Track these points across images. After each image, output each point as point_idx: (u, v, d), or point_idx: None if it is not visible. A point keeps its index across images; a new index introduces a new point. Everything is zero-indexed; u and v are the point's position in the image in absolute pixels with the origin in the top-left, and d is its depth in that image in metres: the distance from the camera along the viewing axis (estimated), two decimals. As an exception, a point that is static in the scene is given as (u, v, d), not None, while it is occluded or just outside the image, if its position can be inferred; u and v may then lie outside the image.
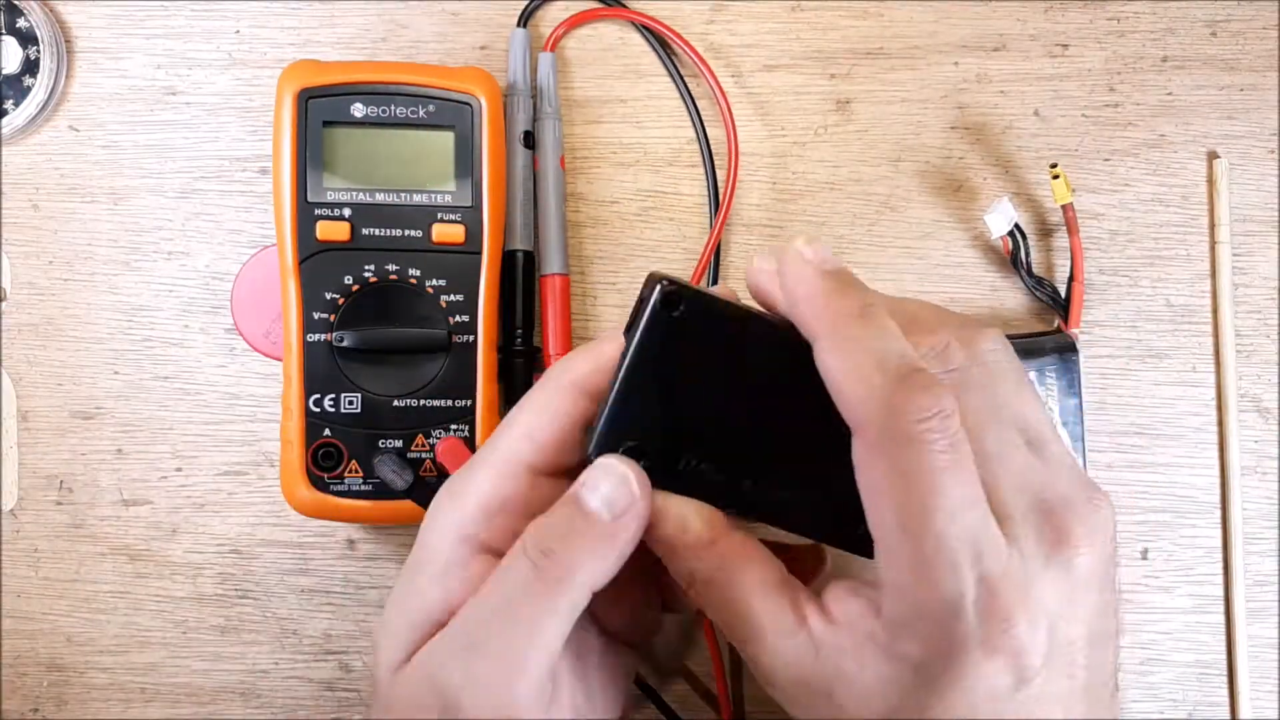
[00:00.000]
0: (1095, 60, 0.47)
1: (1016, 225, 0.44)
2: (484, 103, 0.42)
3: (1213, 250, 0.47)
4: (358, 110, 0.42)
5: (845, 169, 0.47)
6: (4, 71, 0.45)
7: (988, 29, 0.47)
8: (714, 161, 0.46)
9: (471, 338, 0.42)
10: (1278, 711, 0.45)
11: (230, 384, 0.46)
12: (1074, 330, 0.45)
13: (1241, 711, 0.45)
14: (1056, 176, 0.44)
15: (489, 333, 0.42)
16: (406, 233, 0.42)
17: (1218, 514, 0.46)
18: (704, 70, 0.45)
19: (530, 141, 0.45)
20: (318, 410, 0.41)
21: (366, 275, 0.42)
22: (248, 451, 0.45)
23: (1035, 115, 0.47)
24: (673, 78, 0.47)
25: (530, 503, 0.32)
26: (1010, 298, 0.47)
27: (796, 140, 0.47)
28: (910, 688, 0.28)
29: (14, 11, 0.45)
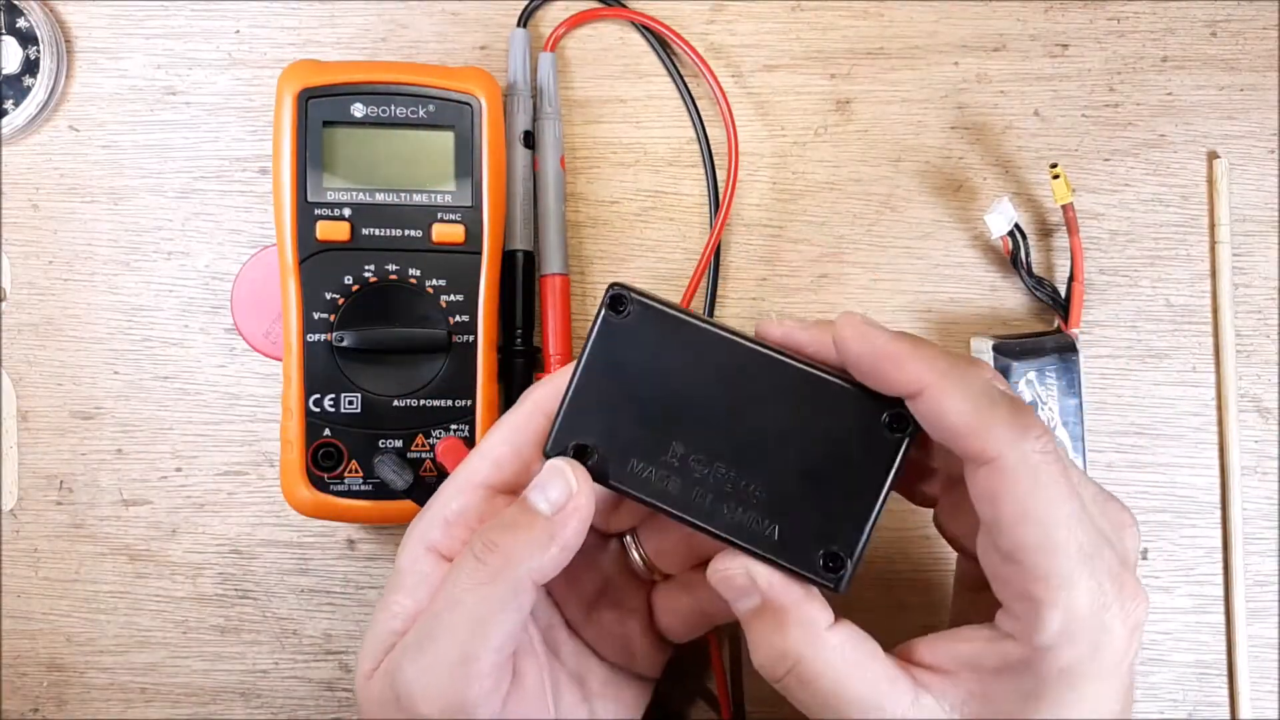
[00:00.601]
0: (1095, 60, 0.47)
1: (1016, 225, 0.44)
2: (484, 103, 0.42)
3: (1213, 250, 0.47)
4: (358, 110, 0.42)
5: (845, 169, 0.47)
6: (4, 71, 0.45)
7: (988, 29, 0.47)
8: (714, 161, 0.46)
9: (471, 338, 0.42)
10: (1278, 711, 0.45)
11: (230, 384, 0.46)
12: (1074, 330, 0.45)
13: (1241, 711, 0.45)
14: (1056, 176, 0.44)
15: (489, 333, 0.42)
16: (406, 233, 0.42)
17: (1218, 514, 0.46)
18: (704, 70, 0.45)
19: (530, 141, 0.45)
20: (318, 410, 0.41)
21: (366, 275, 0.42)
22: (248, 451, 0.45)
23: (1035, 115, 0.47)
24: (673, 78, 0.47)
25: (485, 515, 0.34)
26: (1010, 298, 0.47)
27: (796, 140, 0.47)
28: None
29: (14, 11, 0.45)
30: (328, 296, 0.41)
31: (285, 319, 0.42)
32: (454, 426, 0.42)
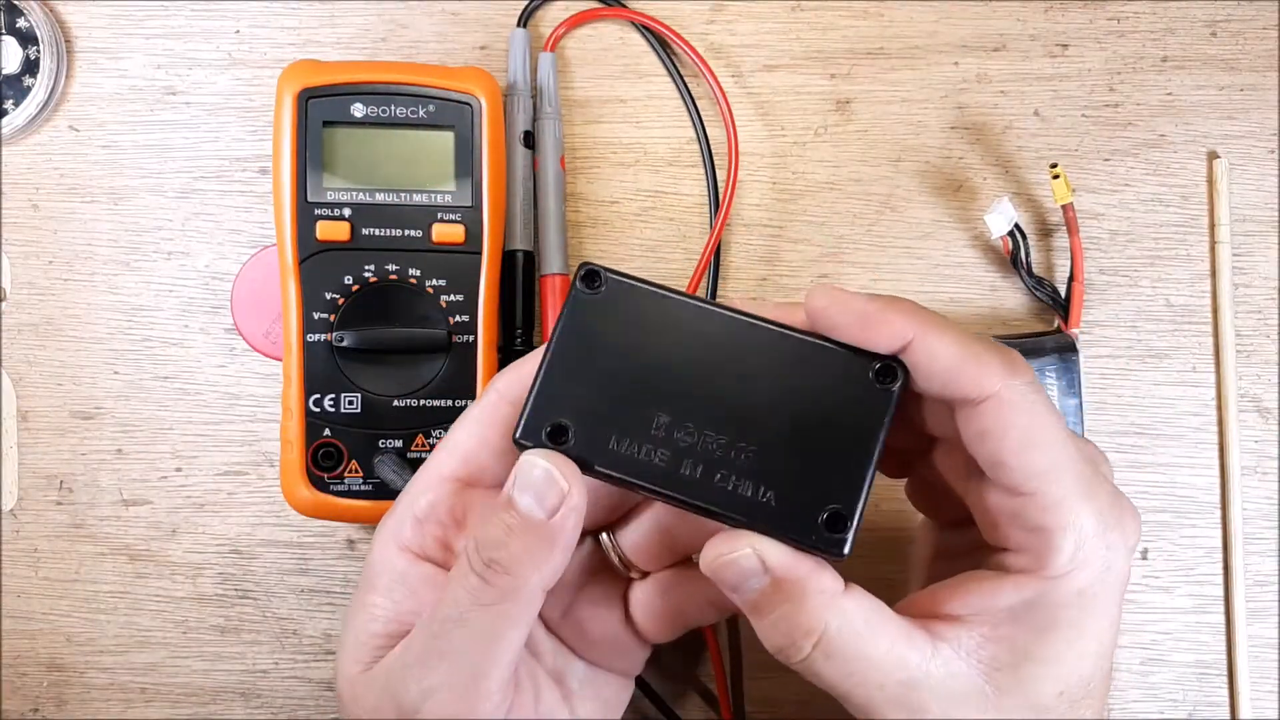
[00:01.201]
0: (1095, 60, 0.47)
1: (1016, 225, 0.44)
2: (484, 103, 0.42)
3: (1213, 250, 0.47)
4: (358, 110, 0.42)
5: (845, 169, 0.47)
6: (4, 71, 0.45)
7: (988, 29, 0.47)
8: (714, 161, 0.46)
9: (471, 338, 0.42)
10: (1278, 711, 0.45)
11: (230, 384, 0.46)
12: (1074, 330, 0.45)
13: (1241, 711, 0.45)
14: (1056, 176, 0.44)
15: (489, 332, 0.42)
16: (406, 233, 0.42)
17: (1218, 514, 0.46)
18: (704, 70, 0.45)
19: (530, 141, 0.45)
20: (318, 410, 0.41)
21: (366, 275, 0.42)
22: (248, 451, 0.45)
23: (1035, 115, 0.47)
24: (673, 78, 0.47)
25: (454, 509, 0.33)
26: (1010, 298, 0.47)
27: (796, 140, 0.47)
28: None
29: (14, 11, 0.45)
30: (328, 296, 0.41)
31: (285, 319, 0.42)
32: (454, 426, 0.42)
